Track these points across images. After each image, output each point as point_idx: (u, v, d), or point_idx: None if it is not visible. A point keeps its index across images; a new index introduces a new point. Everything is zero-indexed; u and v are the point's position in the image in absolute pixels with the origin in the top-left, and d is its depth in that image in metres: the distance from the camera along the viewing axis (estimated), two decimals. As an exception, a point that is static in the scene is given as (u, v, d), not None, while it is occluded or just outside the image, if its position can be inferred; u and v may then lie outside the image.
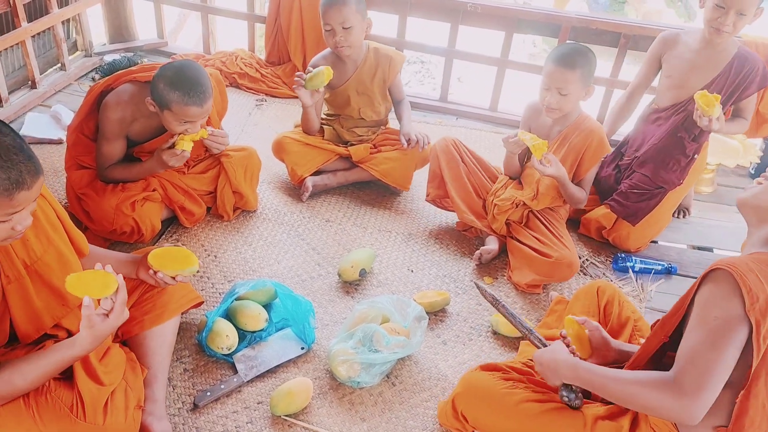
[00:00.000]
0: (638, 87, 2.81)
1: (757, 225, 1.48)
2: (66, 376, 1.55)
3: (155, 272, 1.70)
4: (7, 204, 1.29)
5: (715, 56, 2.53)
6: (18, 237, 1.38)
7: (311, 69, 2.61)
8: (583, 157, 2.40)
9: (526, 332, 1.70)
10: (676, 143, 2.60)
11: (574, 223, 2.79)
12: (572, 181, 2.43)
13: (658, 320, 1.57)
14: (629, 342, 1.83)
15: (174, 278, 1.73)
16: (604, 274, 2.55)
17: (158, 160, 2.27)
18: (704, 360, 1.28)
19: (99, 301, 1.42)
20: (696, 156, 2.65)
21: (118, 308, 1.42)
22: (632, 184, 2.64)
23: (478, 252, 2.50)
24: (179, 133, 2.21)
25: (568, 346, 1.76)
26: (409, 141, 2.71)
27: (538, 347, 1.67)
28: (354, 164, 2.85)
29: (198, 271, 2.13)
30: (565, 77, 2.26)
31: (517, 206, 2.48)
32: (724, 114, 2.55)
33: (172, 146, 2.23)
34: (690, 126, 2.57)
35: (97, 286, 1.41)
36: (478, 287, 1.82)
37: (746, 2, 2.32)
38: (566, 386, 1.58)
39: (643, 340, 1.79)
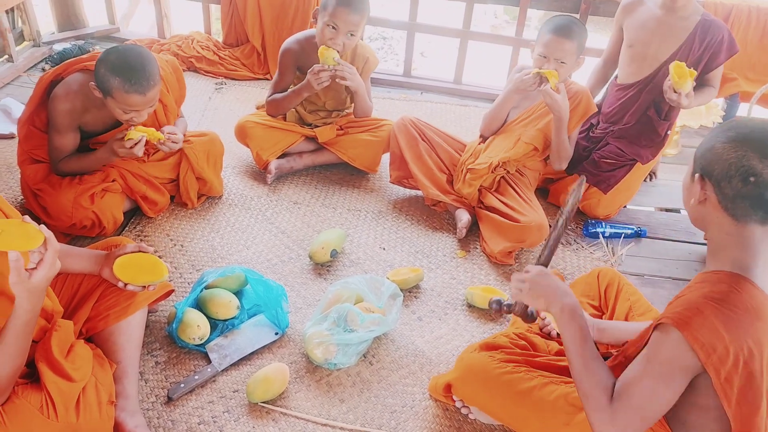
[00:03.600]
0: (610, 54, 2.77)
1: (707, 235, 1.42)
2: (33, 378, 1.50)
3: (125, 285, 1.66)
4: None
5: (677, 24, 2.48)
6: None
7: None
8: (571, 116, 2.42)
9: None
10: (646, 122, 2.60)
11: (543, 192, 2.79)
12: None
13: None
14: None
15: (145, 287, 1.69)
16: (575, 240, 2.56)
17: (110, 150, 2.18)
18: (641, 402, 1.29)
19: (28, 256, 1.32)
20: (669, 133, 2.65)
21: (48, 258, 1.31)
22: (604, 154, 2.64)
23: (462, 230, 2.48)
24: (126, 122, 2.12)
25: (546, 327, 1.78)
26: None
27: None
28: (320, 146, 2.80)
29: (170, 280, 2.09)
30: (564, 47, 2.31)
31: (494, 170, 2.46)
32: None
33: (123, 136, 2.15)
34: (659, 104, 2.55)
35: (20, 239, 1.30)
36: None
37: None
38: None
39: (641, 319, 1.79)
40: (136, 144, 2.14)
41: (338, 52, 2.51)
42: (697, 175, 1.32)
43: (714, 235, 1.34)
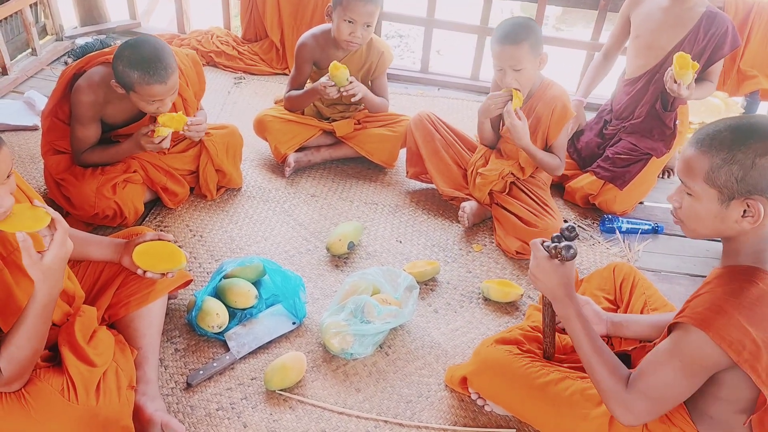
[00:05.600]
0: (611, 48, 2.81)
1: (722, 240, 1.40)
2: (55, 362, 1.53)
3: (144, 272, 1.69)
4: None
5: (683, 14, 2.49)
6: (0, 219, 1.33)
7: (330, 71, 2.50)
8: (550, 123, 2.39)
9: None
10: (656, 115, 2.60)
11: (559, 188, 2.79)
12: (543, 148, 2.44)
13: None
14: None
15: (164, 275, 1.72)
16: (591, 236, 2.56)
17: (136, 143, 2.22)
18: (659, 393, 1.31)
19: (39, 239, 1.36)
20: (678, 122, 2.64)
21: (58, 238, 1.33)
22: (618, 150, 2.63)
23: (462, 217, 2.48)
24: (152, 113, 2.16)
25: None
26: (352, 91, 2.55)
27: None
28: (337, 140, 2.82)
29: (189, 269, 2.12)
30: (514, 54, 2.23)
31: (503, 177, 2.47)
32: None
33: (150, 132, 2.18)
34: (665, 95, 2.55)
35: (28, 220, 1.33)
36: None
37: None
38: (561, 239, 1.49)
39: (655, 314, 1.79)
40: (163, 139, 2.18)
41: (360, 44, 2.52)
42: (741, 199, 1.25)
43: (747, 238, 1.31)
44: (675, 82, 2.32)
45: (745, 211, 1.26)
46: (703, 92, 2.55)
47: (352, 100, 2.60)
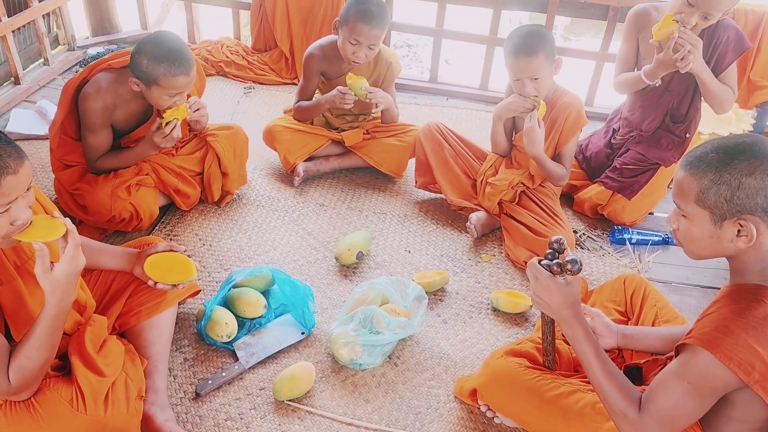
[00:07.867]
0: (624, 67, 2.72)
1: (726, 259, 1.39)
2: (65, 371, 1.53)
3: (155, 283, 1.70)
4: None
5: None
6: (18, 231, 1.34)
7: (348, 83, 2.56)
8: (562, 130, 2.39)
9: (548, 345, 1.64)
10: (665, 127, 2.58)
11: (568, 198, 2.78)
12: (553, 156, 2.44)
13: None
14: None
15: (174, 286, 1.73)
16: (601, 247, 2.55)
17: (150, 143, 2.24)
18: (669, 415, 1.30)
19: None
20: (689, 135, 2.61)
21: (69, 251, 1.34)
22: (626, 160, 2.62)
23: (470, 228, 2.48)
24: (165, 109, 2.18)
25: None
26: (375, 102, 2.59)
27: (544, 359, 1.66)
28: (346, 149, 2.83)
29: (198, 279, 2.13)
30: (531, 65, 2.24)
31: (513, 187, 2.47)
32: None
33: (160, 127, 2.20)
34: (675, 109, 2.54)
35: (44, 230, 1.35)
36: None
37: (713, 7, 2.22)
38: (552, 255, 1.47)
39: (667, 326, 1.78)
40: (174, 127, 2.19)
41: (360, 62, 2.54)
42: (733, 219, 1.25)
43: (749, 256, 1.30)
44: (682, 27, 2.24)
45: (739, 230, 1.26)
46: (726, 92, 2.45)
47: (376, 109, 2.60)
